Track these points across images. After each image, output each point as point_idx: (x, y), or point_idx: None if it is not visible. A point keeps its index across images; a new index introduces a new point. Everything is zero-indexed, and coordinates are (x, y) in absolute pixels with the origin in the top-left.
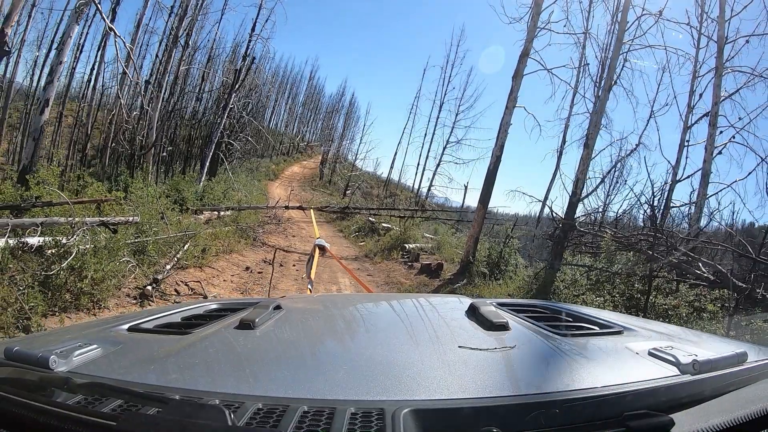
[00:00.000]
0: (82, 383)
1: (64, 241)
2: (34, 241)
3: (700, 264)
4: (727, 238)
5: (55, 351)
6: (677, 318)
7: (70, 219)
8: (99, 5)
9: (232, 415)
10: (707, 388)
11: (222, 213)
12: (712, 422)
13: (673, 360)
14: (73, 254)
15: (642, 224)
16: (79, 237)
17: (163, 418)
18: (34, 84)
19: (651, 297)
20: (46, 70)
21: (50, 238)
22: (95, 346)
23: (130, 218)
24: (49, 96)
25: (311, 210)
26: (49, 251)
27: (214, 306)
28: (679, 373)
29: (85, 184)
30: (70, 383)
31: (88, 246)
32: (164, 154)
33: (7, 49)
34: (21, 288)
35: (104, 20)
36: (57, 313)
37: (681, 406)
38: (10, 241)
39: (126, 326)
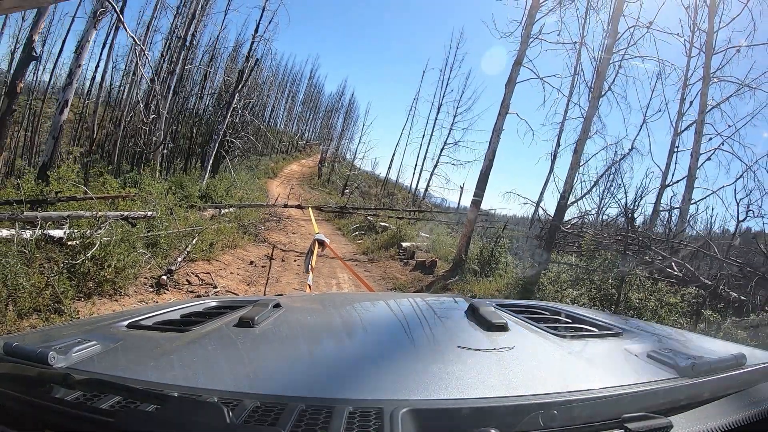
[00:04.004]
0: (81, 379)
1: (89, 233)
2: (57, 233)
3: (673, 264)
4: (700, 240)
5: (54, 347)
6: (646, 310)
7: (95, 213)
8: (121, 15)
9: (231, 413)
10: (706, 390)
11: (224, 210)
12: (711, 425)
13: (672, 362)
14: (96, 245)
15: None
16: (105, 230)
17: (162, 415)
18: (37, 79)
19: (623, 292)
20: (53, 67)
21: (77, 231)
22: (94, 342)
23: (149, 213)
24: (68, 97)
25: (310, 209)
26: (72, 242)
27: (214, 304)
28: (677, 375)
29: (104, 180)
30: (68, 379)
31: (113, 238)
32: (165, 151)
33: (34, 54)
34: (50, 275)
35: (126, 31)
36: (82, 299)
37: (679, 409)
38: (37, 233)
39: (125, 323)
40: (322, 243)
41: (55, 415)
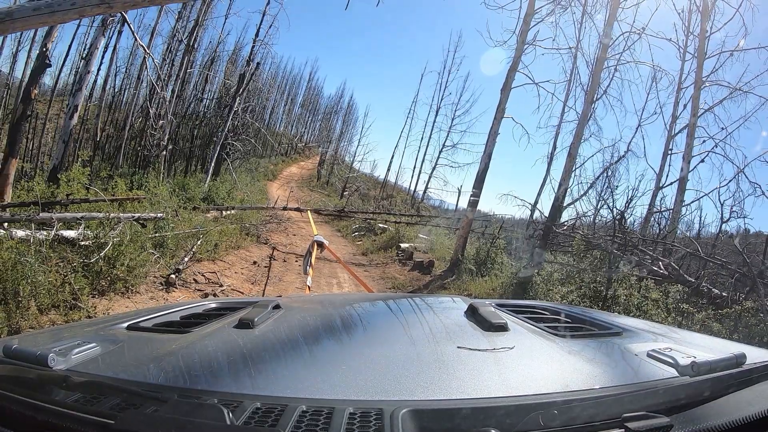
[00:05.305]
0: (81, 381)
1: (102, 233)
2: (69, 234)
3: (660, 263)
4: (687, 241)
5: (53, 349)
6: (631, 306)
7: (108, 214)
8: (131, 25)
9: (231, 414)
10: (706, 389)
11: (225, 212)
12: (711, 424)
13: (672, 361)
14: (110, 245)
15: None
16: (118, 230)
17: (162, 416)
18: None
19: (612, 289)
20: (59, 72)
21: (90, 231)
22: (94, 344)
23: (158, 215)
24: (78, 102)
25: (309, 211)
26: (85, 243)
27: (213, 305)
28: (677, 374)
29: (115, 183)
30: (68, 381)
31: (125, 238)
32: (164, 153)
33: (48, 62)
34: (66, 274)
35: (138, 43)
36: (97, 296)
37: (680, 408)
38: (52, 233)
39: (125, 325)
40: (321, 244)
41: (55, 416)
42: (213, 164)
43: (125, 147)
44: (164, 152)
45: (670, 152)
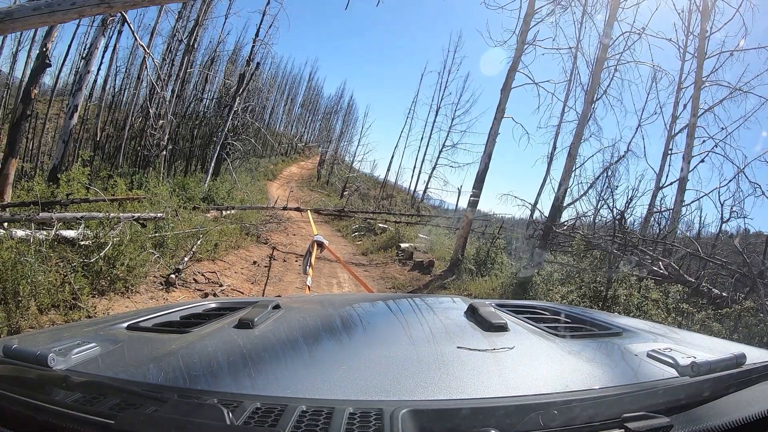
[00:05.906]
0: (81, 381)
1: (102, 233)
2: (69, 233)
3: (660, 263)
4: (687, 241)
5: (53, 349)
6: (631, 306)
7: (108, 214)
8: (131, 25)
9: (231, 414)
10: (706, 390)
11: (225, 212)
12: (711, 424)
13: (672, 362)
14: (110, 245)
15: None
16: (118, 230)
17: (162, 416)
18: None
19: (612, 289)
20: (58, 71)
21: (90, 231)
22: (94, 344)
23: (158, 214)
24: (78, 102)
25: (308, 211)
26: (85, 242)
27: (213, 305)
28: (677, 374)
29: (114, 182)
30: (68, 381)
31: (125, 238)
32: (164, 153)
33: (48, 62)
34: (65, 274)
35: (138, 42)
36: (96, 296)
37: (680, 408)
38: (52, 233)
39: (125, 325)
40: (321, 244)
41: (55, 416)
42: (213, 164)
43: (125, 147)
44: (164, 152)
45: (670, 152)
